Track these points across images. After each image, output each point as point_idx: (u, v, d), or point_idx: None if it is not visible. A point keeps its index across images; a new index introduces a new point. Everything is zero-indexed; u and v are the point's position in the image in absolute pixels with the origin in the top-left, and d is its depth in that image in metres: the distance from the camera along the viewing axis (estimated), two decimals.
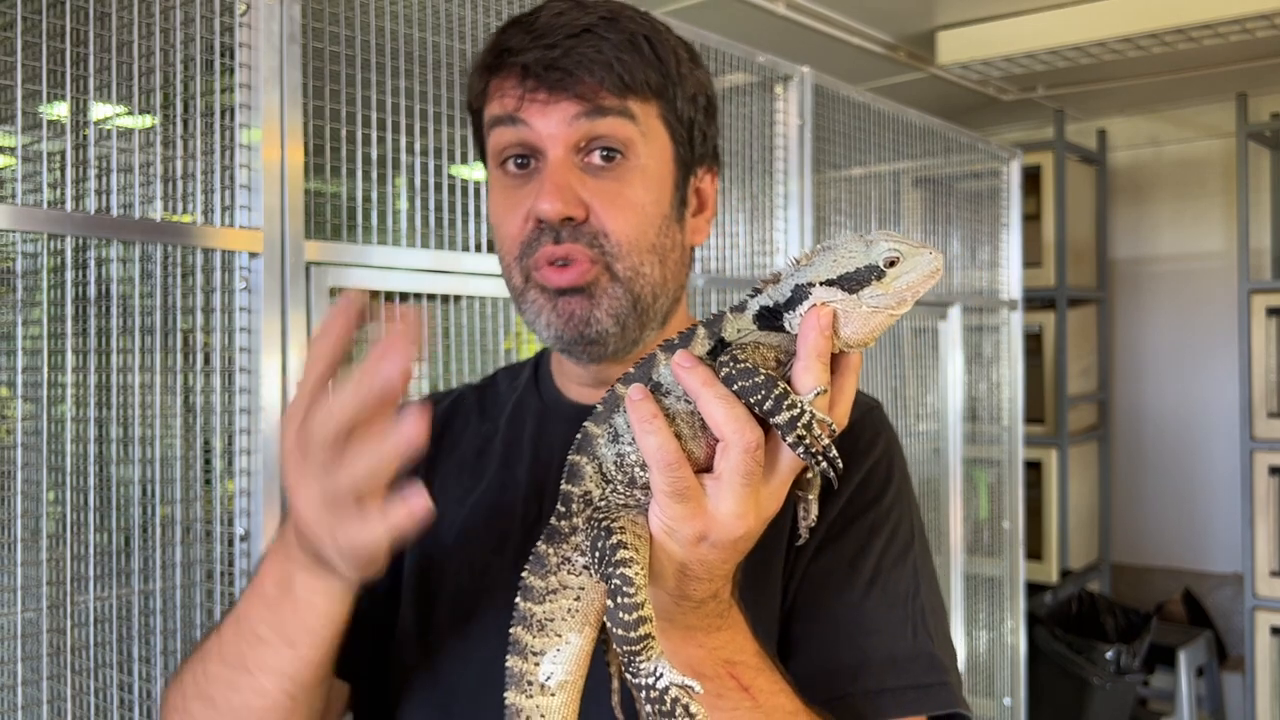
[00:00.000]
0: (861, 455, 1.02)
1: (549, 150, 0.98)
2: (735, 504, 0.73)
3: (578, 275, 0.98)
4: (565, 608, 0.79)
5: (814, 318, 0.72)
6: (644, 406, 0.74)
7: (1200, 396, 4.64)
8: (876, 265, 0.72)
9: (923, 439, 3.13)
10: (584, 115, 0.97)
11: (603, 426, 0.80)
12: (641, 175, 1.00)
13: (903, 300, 0.73)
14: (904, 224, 3.04)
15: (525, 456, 1.09)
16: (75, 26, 1.42)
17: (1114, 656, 3.73)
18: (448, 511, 1.08)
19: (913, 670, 0.95)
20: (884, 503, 1.02)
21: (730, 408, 0.71)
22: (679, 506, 0.73)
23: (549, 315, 0.99)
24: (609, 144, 0.98)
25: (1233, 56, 3.72)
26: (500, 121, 1.00)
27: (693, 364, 0.73)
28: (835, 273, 0.73)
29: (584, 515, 0.79)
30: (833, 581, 0.98)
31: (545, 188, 0.96)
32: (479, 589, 1.03)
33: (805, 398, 0.71)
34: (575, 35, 0.97)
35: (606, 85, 0.97)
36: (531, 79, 0.97)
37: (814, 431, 0.71)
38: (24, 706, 1.41)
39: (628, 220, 0.99)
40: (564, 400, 1.11)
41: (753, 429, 0.71)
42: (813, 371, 0.72)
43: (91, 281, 1.52)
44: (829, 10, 3.26)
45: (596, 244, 0.98)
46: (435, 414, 1.17)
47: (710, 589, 0.78)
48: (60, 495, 1.48)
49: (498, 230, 1.03)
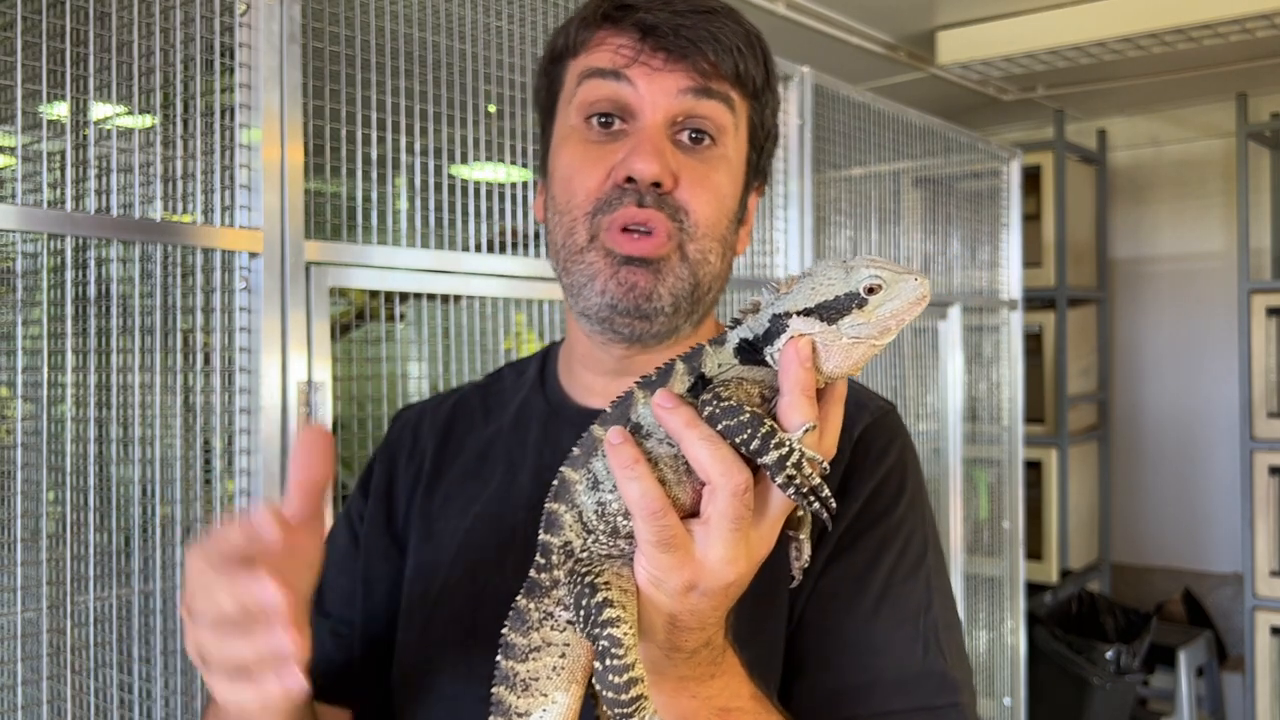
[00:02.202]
0: (874, 464, 0.99)
1: (647, 115, 0.95)
2: (725, 550, 0.69)
3: (652, 247, 0.95)
4: (550, 665, 0.75)
5: (793, 351, 0.69)
6: (624, 451, 0.70)
7: (1200, 396, 4.64)
8: (857, 293, 0.68)
9: (923, 439, 3.13)
10: (691, 92, 0.95)
11: (580, 472, 0.75)
12: (726, 164, 0.99)
13: (886, 329, 0.69)
14: (904, 224, 3.04)
15: (529, 462, 1.06)
16: (75, 26, 1.42)
17: (1114, 656, 3.73)
18: (449, 522, 1.06)
19: (922, 691, 0.92)
20: (896, 514, 0.98)
21: (715, 449, 0.68)
22: (666, 556, 0.70)
23: (606, 281, 0.95)
24: (705, 127, 0.97)
25: (1233, 56, 3.72)
26: (600, 74, 0.96)
27: (674, 404, 0.69)
28: (813, 301, 0.69)
29: (565, 567, 0.75)
30: (842, 597, 0.94)
31: (643, 148, 0.94)
32: (480, 603, 0.99)
33: (794, 435, 0.68)
34: (701, 13, 0.96)
35: (723, 68, 0.95)
36: (651, 39, 0.95)
37: (804, 470, 0.67)
38: (24, 706, 1.41)
39: (708, 203, 0.97)
40: (570, 403, 1.08)
41: (740, 470, 0.68)
42: (799, 407, 0.68)
43: (91, 281, 1.52)
44: (829, 10, 3.26)
45: (677, 219, 0.95)
46: (438, 417, 1.15)
47: (703, 638, 0.74)
48: (60, 495, 1.48)
49: (569, 182, 0.98)
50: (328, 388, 1.65)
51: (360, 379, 1.82)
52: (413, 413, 1.19)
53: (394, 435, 1.17)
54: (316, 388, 1.63)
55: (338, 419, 1.73)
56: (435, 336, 1.89)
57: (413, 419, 1.17)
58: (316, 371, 1.63)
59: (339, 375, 1.75)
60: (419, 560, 1.07)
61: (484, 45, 1.87)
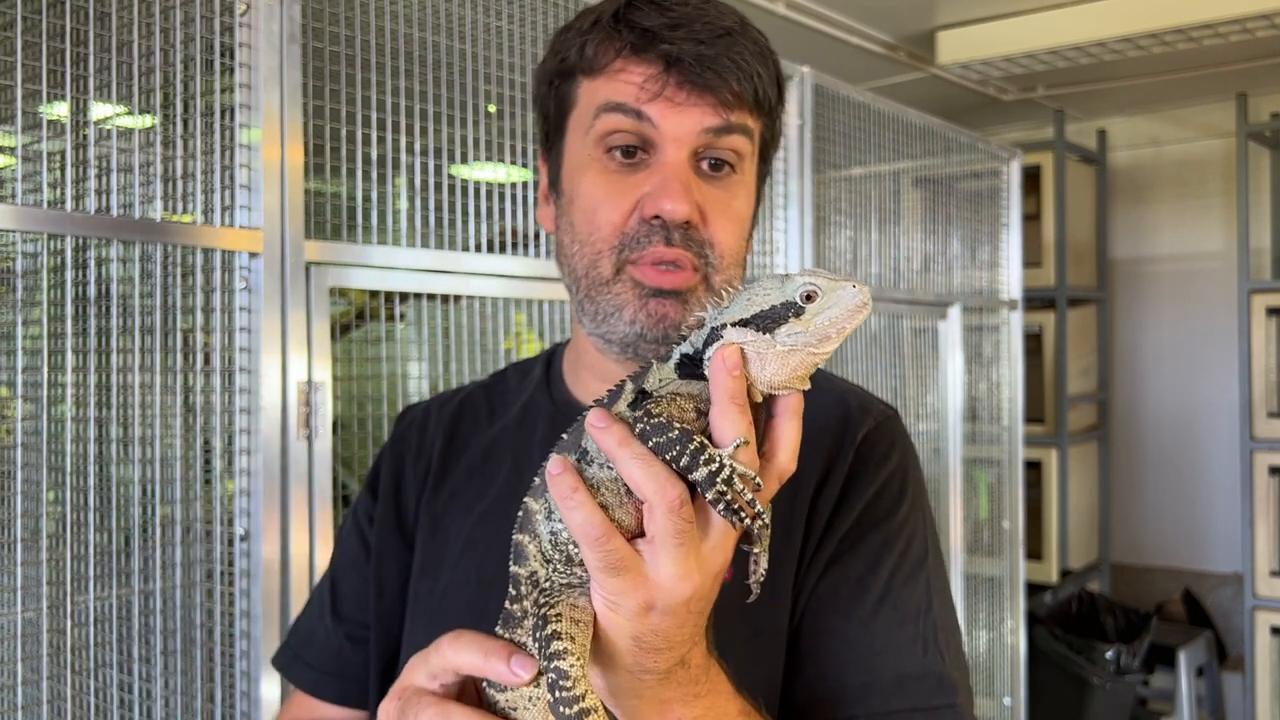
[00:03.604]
0: (876, 467, 0.99)
1: (670, 151, 0.95)
2: (675, 566, 0.69)
3: (681, 281, 0.95)
4: (527, 695, 0.75)
5: (719, 360, 0.68)
6: (563, 481, 0.70)
7: (1200, 396, 4.64)
8: (793, 301, 0.68)
9: (923, 439, 3.13)
10: (714, 130, 0.95)
11: (539, 502, 0.76)
12: (745, 189, 1.00)
13: (825, 337, 0.68)
14: (904, 224, 3.04)
15: (535, 462, 1.04)
16: (75, 26, 1.42)
17: (1114, 656, 3.73)
18: (455, 520, 1.06)
19: (920, 691, 0.92)
20: (897, 518, 0.98)
21: (646, 466, 0.67)
22: (617, 580, 0.69)
23: (636, 312, 0.95)
24: (726, 158, 0.97)
25: (1233, 56, 3.72)
26: (622, 110, 0.94)
27: (607, 423, 0.69)
28: (749, 311, 0.69)
29: (532, 598, 0.75)
30: (842, 598, 0.95)
31: (672, 187, 0.93)
32: (487, 604, 0.98)
33: (725, 450, 0.67)
34: (721, 36, 0.94)
35: (745, 97, 0.95)
36: (676, 72, 0.93)
37: (735, 486, 0.67)
38: (24, 706, 1.41)
39: (731, 233, 0.97)
40: (577, 405, 1.07)
41: (673, 485, 0.67)
42: (729, 417, 0.67)
43: (91, 281, 1.52)
44: (829, 10, 3.26)
45: (703, 254, 0.96)
46: (444, 415, 1.15)
47: (673, 657, 0.73)
48: (60, 495, 1.48)
49: (592, 214, 0.97)
50: (328, 388, 1.65)
51: (360, 379, 1.82)
52: (418, 411, 1.18)
53: (400, 434, 1.17)
54: (316, 388, 1.63)
55: (338, 419, 1.73)
56: (435, 336, 1.89)
57: (418, 417, 1.17)
58: (316, 371, 1.63)
59: (339, 375, 1.75)
60: (424, 557, 1.07)
61: (484, 45, 1.87)
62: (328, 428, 1.64)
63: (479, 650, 0.74)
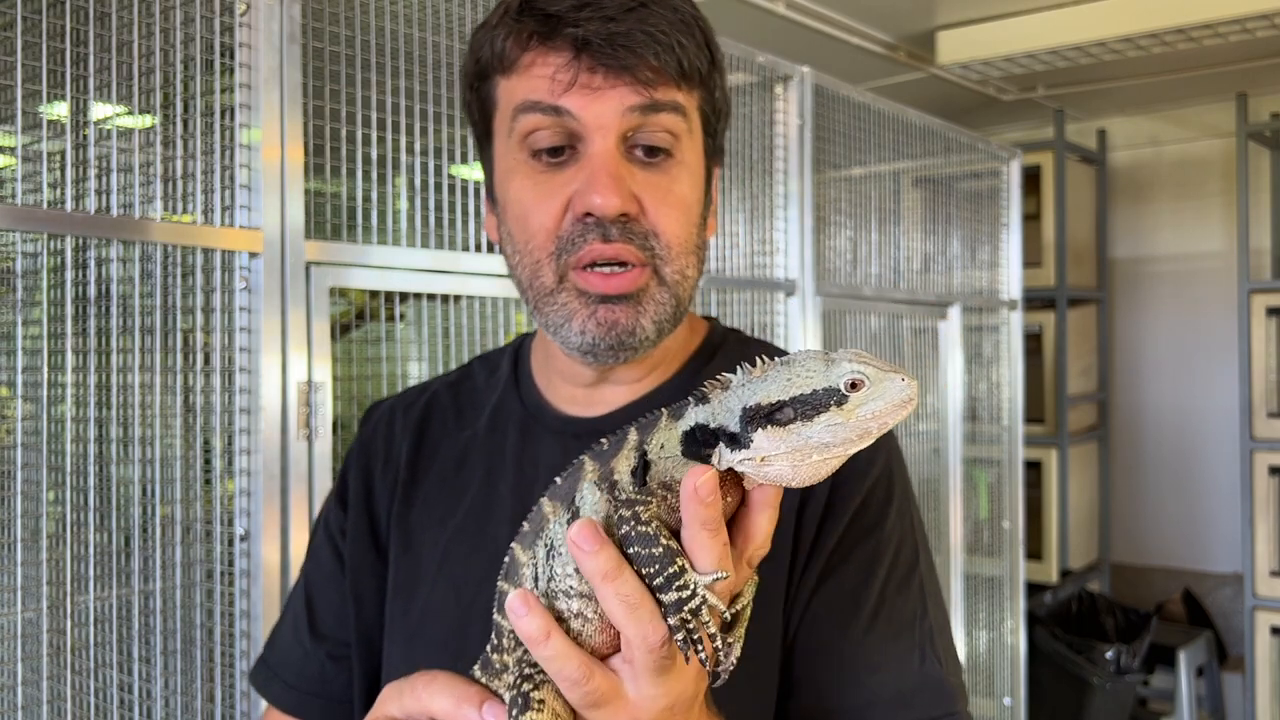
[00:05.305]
0: (860, 474, 0.95)
1: (596, 141, 0.88)
2: (654, 688, 0.66)
3: (628, 283, 0.89)
4: None
5: (691, 485, 0.62)
6: (532, 624, 0.66)
7: (1200, 396, 4.64)
8: (837, 388, 0.61)
9: (923, 439, 3.13)
10: (639, 109, 0.88)
11: (528, 554, 0.73)
12: (687, 171, 0.93)
13: (865, 433, 0.62)
14: (904, 224, 3.04)
15: (509, 473, 1.01)
16: (75, 26, 1.42)
17: (1114, 656, 3.73)
18: (428, 533, 1.03)
19: (920, 703, 0.90)
20: (885, 526, 0.95)
21: (630, 611, 0.64)
22: (598, 712, 0.67)
23: (585, 321, 0.90)
24: (659, 141, 0.90)
25: (1233, 56, 3.72)
26: (538, 108, 0.89)
27: (594, 547, 0.64)
28: (788, 393, 0.62)
29: (514, 655, 0.73)
30: (836, 615, 0.92)
31: (600, 179, 0.87)
32: (466, 629, 0.96)
33: (703, 579, 0.63)
34: (631, 10, 0.87)
35: (668, 71, 0.88)
36: (587, 56, 0.87)
37: (700, 617, 0.63)
38: (24, 706, 1.41)
39: (677, 220, 0.91)
40: (548, 410, 1.03)
41: (655, 629, 0.64)
42: (708, 549, 0.63)
43: (91, 281, 1.52)
44: (829, 10, 3.26)
45: (648, 245, 0.90)
46: (410, 418, 1.10)
47: None
48: (60, 495, 1.48)
49: (524, 220, 0.91)
50: (328, 388, 1.65)
51: (360, 379, 1.82)
52: (383, 410, 1.13)
53: (366, 438, 1.12)
54: (316, 388, 1.63)
55: (338, 419, 1.73)
56: (435, 336, 1.89)
57: (384, 417, 1.12)
58: (316, 371, 1.63)
59: (339, 375, 1.75)
60: (398, 573, 1.03)
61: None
62: (328, 428, 1.64)
63: (451, 696, 0.73)
